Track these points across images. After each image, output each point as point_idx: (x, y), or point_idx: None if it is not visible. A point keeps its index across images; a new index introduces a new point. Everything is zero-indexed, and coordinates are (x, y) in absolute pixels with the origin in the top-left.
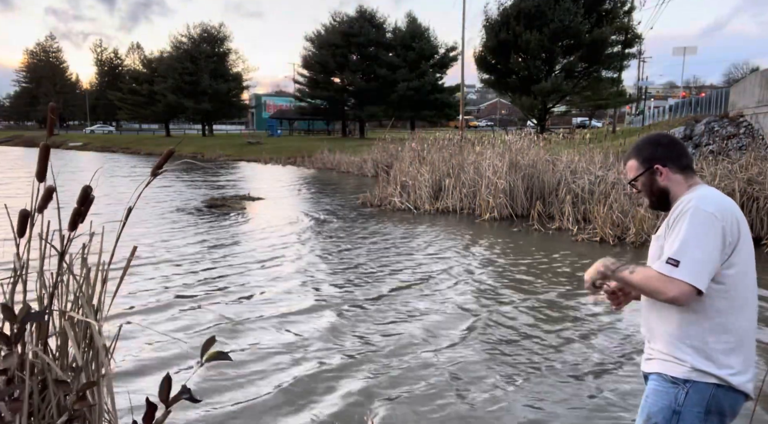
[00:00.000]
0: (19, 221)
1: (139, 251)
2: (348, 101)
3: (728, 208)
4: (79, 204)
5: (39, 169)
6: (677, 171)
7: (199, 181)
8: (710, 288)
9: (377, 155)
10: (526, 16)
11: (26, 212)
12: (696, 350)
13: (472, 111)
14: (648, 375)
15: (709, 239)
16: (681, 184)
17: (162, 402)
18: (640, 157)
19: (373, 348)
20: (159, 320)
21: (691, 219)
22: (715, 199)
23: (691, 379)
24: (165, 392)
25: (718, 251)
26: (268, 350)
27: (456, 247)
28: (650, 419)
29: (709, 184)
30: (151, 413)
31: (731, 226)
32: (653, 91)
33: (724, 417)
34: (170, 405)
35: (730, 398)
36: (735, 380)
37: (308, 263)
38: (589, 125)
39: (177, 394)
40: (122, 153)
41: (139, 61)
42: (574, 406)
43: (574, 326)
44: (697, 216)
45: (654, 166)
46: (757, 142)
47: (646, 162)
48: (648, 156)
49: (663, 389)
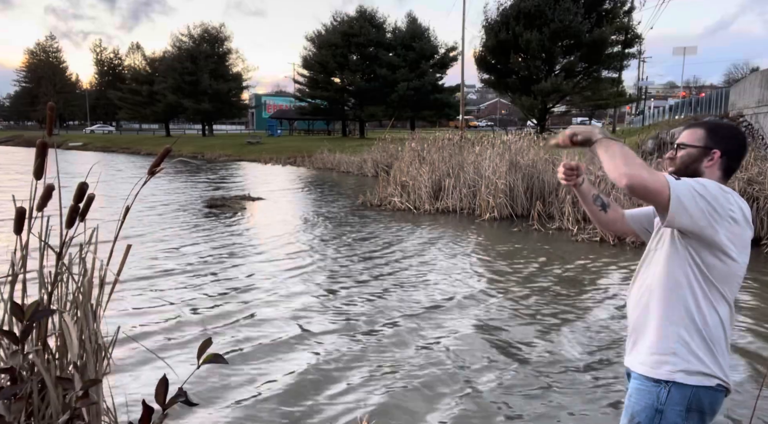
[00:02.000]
0: (16, 219)
1: (137, 251)
2: (348, 101)
3: (739, 204)
4: (75, 201)
5: (36, 166)
6: (723, 169)
7: (198, 181)
8: (694, 288)
9: (377, 155)
10: (526, 16)
11: (22, 210)
12: (676, 350)
13: (472, 111)
14: (630, 373)
15: (715, 195)
16: (715, 178)
17: (159, 405)
18: (711, 133)
19: (373, 348)
20: (158, 320)
21: (706, 183)
22: (731, 191)
23: (673, 379)
24: (162, 395)
25: (711, 214)
26: (267, 351)
27: (456, 247)
28: (633, 418)
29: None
30: (147, 416)
31: (738, 214)
32: (653, 91)
33: (704, 415)
34: (167, 408)
35: (710, 396)
36: (714, 381)
37: (308, 262)
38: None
39: (173, 397)
40: (122, 153)
41: (139, 61)
42: (574, 402)
43: (574, 325)
44: (713, 185)
45: (713, 151)
46: (757, 142)
47: (711, 141)
48: (719, 139)
49: (645, 388)
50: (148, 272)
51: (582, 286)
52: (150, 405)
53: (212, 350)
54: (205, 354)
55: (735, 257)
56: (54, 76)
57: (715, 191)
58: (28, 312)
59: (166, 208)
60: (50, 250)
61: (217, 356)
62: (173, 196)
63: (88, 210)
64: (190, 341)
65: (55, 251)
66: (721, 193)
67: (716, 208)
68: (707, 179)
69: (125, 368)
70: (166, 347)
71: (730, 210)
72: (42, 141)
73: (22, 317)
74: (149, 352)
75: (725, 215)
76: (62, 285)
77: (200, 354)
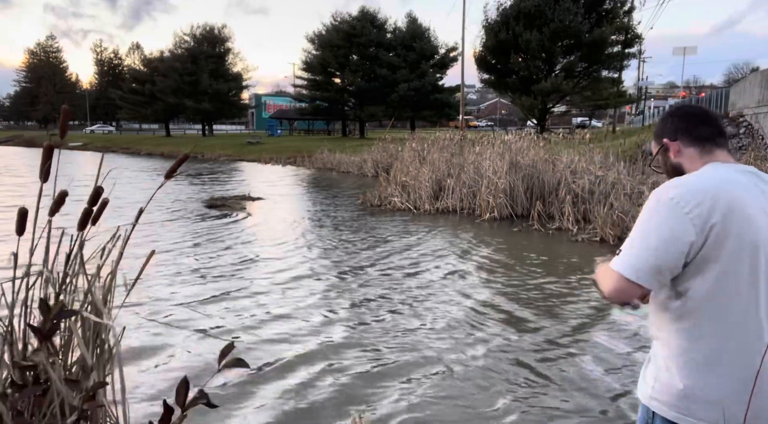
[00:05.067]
0: (18, 220)
1: (138, 251)
2: (348, 101)
3: (708, 191)
4: (89, 204)
5: (42, 169)
6: (690, 144)
7: (198, 181)
8: (670, 302)
9: (377, 155)
10: (526, 16)
11: (24, 211)
12: (657, 375)
13: (472, 111)
14: None
15: (659, 227)
16: (695, 161)
17: (178, 406)
18: (656, 131)
19: (373, 348)
20: (157, 320)
21: (646, 205)
22: (690, 182)
23: (652, 406)
24: (182, 396)
25: (672, 243)
26: (270, 351)
27: (456, 247)
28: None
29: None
30: (167, 417)
31: (703, 212)
32: (653, 91)
33: None
34: (186, 409)
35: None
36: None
37: (308, 262)
38: (589, 125)
39: (194, 398)
40: (122, 153)
41: (139, 61)
42: (576, 408)
43: (574, 325)
44: (652, 201)
45: (664, 143)
46: (757, 142)
47: (657, 138)
48: (658, 131)
49: (643, 407)
50: (149, 271)
51: (583, 286)
52: (170, 406)
53: (213, 349)
54: (227, 358)
55: (709, 265)
56: (54, 76)
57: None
58: (53, 311)
59: (166, 207)
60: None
61: (239, 361)
62: (173, 195)
63: (102, 213)
64: (190, 340)
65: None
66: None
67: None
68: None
69: (127, 368)
70: (166, 345)
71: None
72: (49, 144)
73: (48, 315)
74: (150, 351)
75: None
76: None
77: (222, 358)
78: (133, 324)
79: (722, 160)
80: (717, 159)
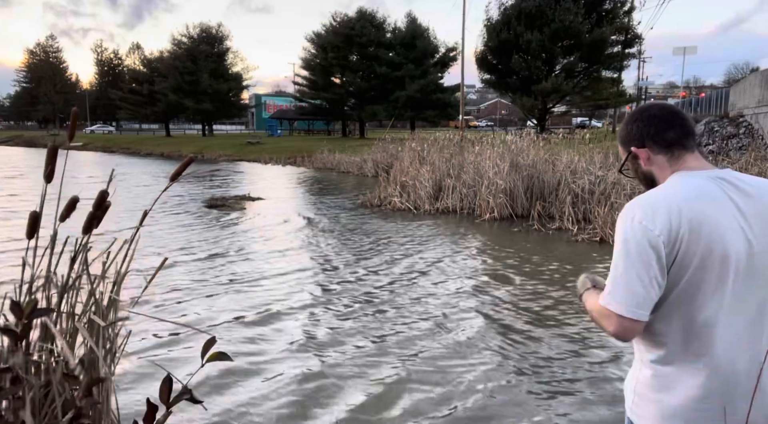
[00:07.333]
0: (29, 224)
1: (138, 251)
2: (348, 101)
3: (672, 209)
4: (95, 208)
5: (47, 170)
6: (659, 151)
7: (198, 181)
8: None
9: (377, 155)
10: (527, 16)
11: (36, 215)
12: (635, 387)
13: (472, 111)
14: None
15: (640, 255)
16: (665, 169)
17: (163, 403)
18: (619, 140)
19: (373, 347)
20: (156, 320)
21: (620, 229)
22: (657, 200)
23: (632, 418)
24: (165, 393)
25: (655, 268)
26: (269, 349)
27: (456, 247)
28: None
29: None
30: (151, 414)
31: (672, 231)
32: (653, 91)
33: None
34: (171, 406)
35: None
36: None
37: (308, 262)
38: (589, 125)
39: (178, 394)
40: (122, 153)
41: (139, 61)
42: (579, 406)
43: (574, 324)
44: (626, 225)
45: (631, 151)
46: (757, 142)
47: (623, 145)
48: (624, 137)
49: (627, 419)
50: (144, 269)
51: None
52: (154, 403)
53: (215, 348)
54: (210, 352)
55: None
56: (54, 76)
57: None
58: (26, 311)
59: (166, 207)
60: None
61: (221, 354)
62: (173, 195)
63: (104, 216)
64: (190, 340)
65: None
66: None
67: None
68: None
69: (126, 368)
70: (165, 346)
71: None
72: (53, 146)
73: (21, 315)
74: (149, 352)
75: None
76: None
77: (204, 352)
78: (127, 322)
79: (691, 166)
80: (686, 165)
